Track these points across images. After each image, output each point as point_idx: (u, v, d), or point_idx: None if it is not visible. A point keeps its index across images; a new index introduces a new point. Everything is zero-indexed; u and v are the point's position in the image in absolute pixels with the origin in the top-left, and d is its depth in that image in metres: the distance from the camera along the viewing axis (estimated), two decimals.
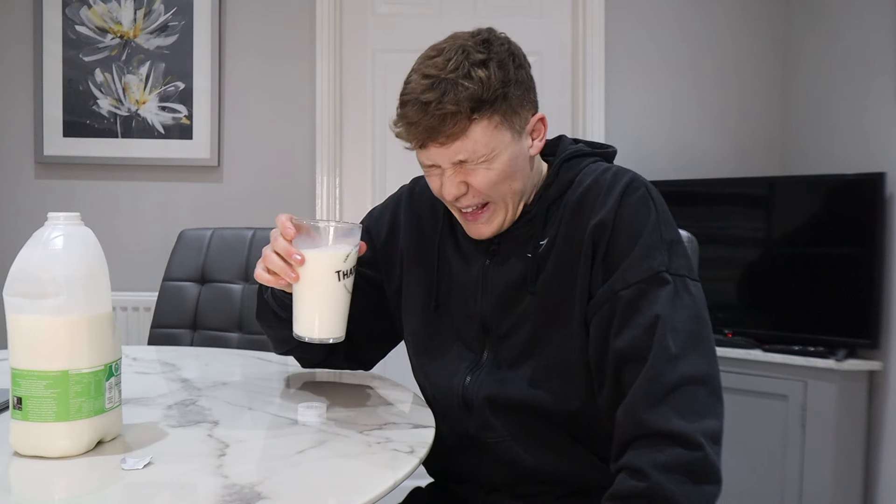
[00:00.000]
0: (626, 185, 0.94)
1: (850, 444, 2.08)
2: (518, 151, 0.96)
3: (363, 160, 2.65)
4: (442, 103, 0.88)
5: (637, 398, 0.85)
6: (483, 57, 0.91)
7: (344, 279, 0.89)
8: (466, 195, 0.96)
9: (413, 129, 0.91)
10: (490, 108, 0.90)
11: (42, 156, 2.53)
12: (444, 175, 0.96)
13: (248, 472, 0.79)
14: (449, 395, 1.04)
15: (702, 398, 0.85)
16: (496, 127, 0.92)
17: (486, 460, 1.03)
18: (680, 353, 0.85)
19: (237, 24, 2.58)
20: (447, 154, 0.93)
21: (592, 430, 0.98)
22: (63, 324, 0.79)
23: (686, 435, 0.82)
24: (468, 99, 0.89)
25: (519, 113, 0.95)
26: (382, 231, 1.15)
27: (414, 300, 1.10)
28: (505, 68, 0.92)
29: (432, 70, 0.90)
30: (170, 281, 2.04)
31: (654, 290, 0.88)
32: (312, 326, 0.89)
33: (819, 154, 2.43)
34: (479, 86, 0.89)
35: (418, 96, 0.90)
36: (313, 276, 0.89)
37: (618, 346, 0.89)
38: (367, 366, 1.23)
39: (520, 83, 0.95)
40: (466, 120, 0.90)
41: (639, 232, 0.91)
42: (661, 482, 0.80)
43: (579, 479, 1.00)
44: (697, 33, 2.65)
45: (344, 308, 0.91)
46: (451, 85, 0.89)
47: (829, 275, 2.14)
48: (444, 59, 0.91)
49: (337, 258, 0.88)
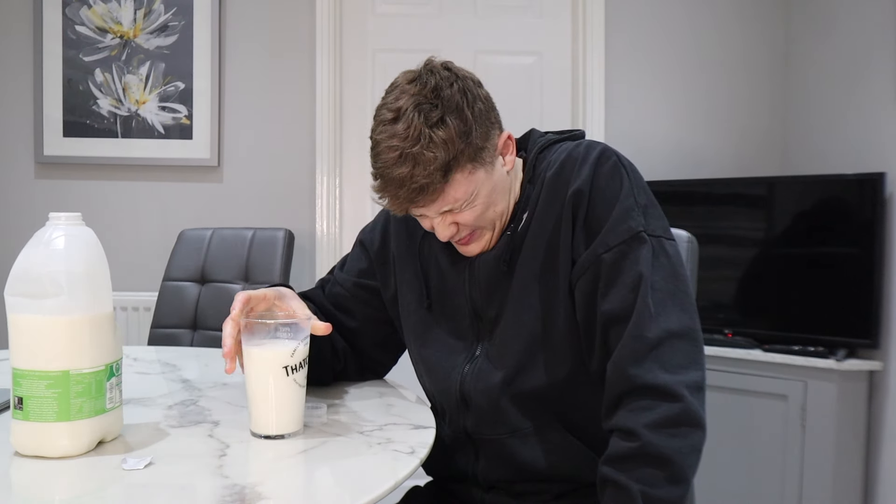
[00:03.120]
0: (599, 156, 0.98)
1: (850, 444, 2.08)
2: (496, 179, 0.99)
3: (363, 160, 2.65)
4: (414, 178, 0.92)
5: (623, 354, 0.90)
6: (438, 113, 0.93)
7: (293, 374, 0.88)
8: (458, 232, 1.01)
9: (395, 201, 0.95)
10: (459, 162, 0.94)
11: (42, 156, 2.53)
12: (434, 221, 1.00)
13: (249, 472, 0.80)
14: (448, 392, 1.05)
15: (684, 350, 0.90)
16: (470, 173, 0.95)
17: (483, 458, 1.04)
18: (660, 310, 0.90)
19: (237, 24, 2.58)
20: (433, 209, 0.97)
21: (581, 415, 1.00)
22: (64, 324, 0.79)
23: (670, 388, 0.87)
24: (437, 168, 0.92)
25: (486, 148, 0.97)
26: (376, 241, 1.17)
27: (408, 302, 1.11)
28: (462, 116, 0.94)
29: (395, 141, 0.92)
30: (170, 281, 2.04)
31: (635, 250, 0.92)
32: (268, 423, 0.89)
33: (819, 154, 2.44)
34: (444, 150, 0.92)
35: (390, 171, 0.93)
36: (261, 373, 0.88)
37: (605, 308, 0.93)
38: (379, 374, 1.23)
39: (479, 119, 0.96)
40: (441, 183, 0.93)
41: (614, 197, 0.95)
42: (651, 440, 0.85)
43: (575, 476, 1.01)
44: (697, 33, 2.65)
45: (297, 402, 0.90)
46: (418, 158, 0.91)
47: (829, 275, 2.14)
48: (403, 125, 0.92)
49: (284, 354, 0.88)
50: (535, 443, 1.00)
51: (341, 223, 2.63)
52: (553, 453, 1.00)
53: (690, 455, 0.87)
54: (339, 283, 1.18)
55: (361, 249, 1.19)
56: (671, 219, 1.04)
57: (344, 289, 1.17)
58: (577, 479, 1.01)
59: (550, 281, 0.98)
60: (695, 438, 0.87)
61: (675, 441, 0.85)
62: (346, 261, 1.21)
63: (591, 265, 0.94)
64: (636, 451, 0.85)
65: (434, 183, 0.93)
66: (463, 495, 1.09)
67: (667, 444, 0.85)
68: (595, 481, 0.98)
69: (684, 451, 0.86)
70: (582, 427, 1.00)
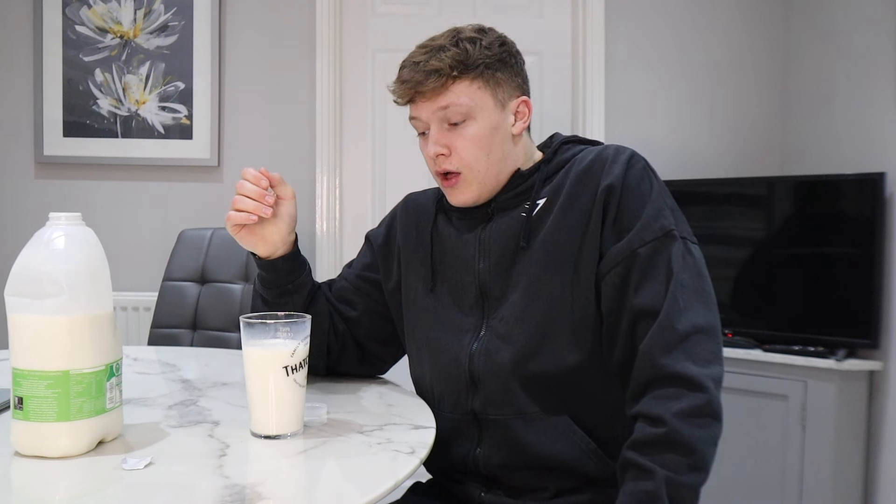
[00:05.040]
0: (629, 158, 1.02)
1: (850, 444, 2.08)
2: (499, 122, 1.05)
3: (363, 160, 2.65)
4: (428, 63, 1.02)
5: (653, 342, 0.92)
6: (474, 36, 1.05)
7: (293, 374, 0.89)
8: (447, 158, 1.05)
9: (403, 85, 1.04)
10: (472, 71, 1.02)
11: (42, 156, 2.53)
12: (430, 134, 1.06)
13: (249, 472, 0.80)
14: (457, 373, 1.05)
15: (709, 346, 0.93)
16: (478, 88, 1.03)
17: (486, 440, 1.04)
18: (688, 304, 0.93)
19: (237, 24, 2.58)
20: (430, 107, 1.04)
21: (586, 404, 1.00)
22: (64, 324, 0.79)
23: (698, 379, 0.89)
24: (451, 58, 1.01)
25: (502, 86, 1.05)
26: (381, 236, 1.21)
27: (413, 289, 1.13)
28: (492, 49, 1.04)
29: (427, 42, 1.06)
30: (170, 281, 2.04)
31: (667, 246, 0.96)
32: (268, 423, 0.89)
33: (819, 154, 2.44)
34: (464, 52, 1.02)
35: (412, 57, 1.04)
36: (262, 373, 0.89)
37: (637, 301, 0.95)
38: (378, 369, 1.24)
39: (506, 65, 1.05)
40: (447, 77, 1.02)
41: (646, 195, 0.99)
42: (677, 428, 0.87)
43: (576, 468, 1.00)
44: (697, 33, 2.65)
45: (297, 402, 0.90)
46: (440, 49, 1.03)
47: (829, 275, 2.14)
48: (440, 34, 1.07)
49: (284, 354, 0.88)
50: (540, 427, 1.00)
51: (341, 223, 2.63)
52: (557, 440, 1.00)
53: (711, 446, 0.89)
54: (345, 278, 1.22)
55: (367, 245, 1.24)
56: None
57: (348, 282, 1.21)
58: (578, 471, 1.00)
59: (568, 269, 1.00)
60: (715, 430, 0.90)
61: (699, 431, 0.88)
62: (354, 260, 1.25)
63: (624, 259, 0.96)
64: (662, 438, 0.87)
65: (443, 71, 1.01)
66: (461, 495, 1.09)
67: (692, 432, 0.87)
68: (595, 477, 1.00)
69: (706, 442, 0.88)
70: (588, 418, 1.01)
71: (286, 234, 1.07)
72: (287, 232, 1.07)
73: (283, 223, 1.06)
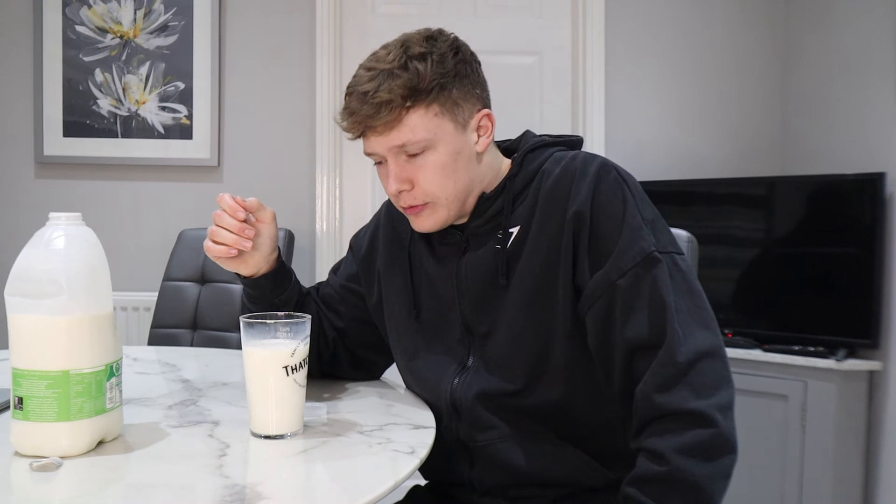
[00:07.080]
0: (597, 171, 0.94)
1: (850, 444, 2.08)
2: (461, 145, 0.97)
3: (363, 160, 2.64)
4: (377, 92, 0.92)
5: (652, 383, 0.87)
6: (423, 50, 0.94)
7: (293, 374, 0.89)
8: (410, 192, 0.98)
9: (352, 118, 0.95)
10: (426, 97, 0.93)
11: (42, 156, 2.53)
12: (389, 168, 0.97)
13: (249, 472, 0.80)
14: (438, 401, 1.04)
15: (714, 369, 0.87)
16: (435, 115, 0.94)
17: (478, 464, 1.02)
18: (686, 331, 0.87)
19: (237, 24, 2.58)
20: (384, 142, 0.95)
21: (576, 426, 0.98)
22: (64, 324, 0.79)
23: (701, 413, 0.84)
24: (401, 87, 0.92)
25: (461, 105, 0.96)
26: (363, 247, 1.17)
27: (395, 311, 1.10)
28: (444, 62, 0.94)
29: (373, 62, 0.95)
30: (170, 281, 2.04)
31: (650, 272, 0.89)
32: (268, 423, 0.89)
33: (819, 154, 2.44)
34: (415, 75, 0.92)
35: (358, 86, 0.94)
36: (262, 372, 0.88)
37: (626, 335, 0.89)
38: (373, 373, 1.23)
39: (462, 78, 0.96)
40: (400, 108, 0.92)
41: (619, 217, 0.91)
42: (680, 466, 0.83)
43: (571, 481, 0.99)
44: (697, 33, 2.65)
45: (297, 402, 0.90)
46: (388, 75, 0.92)
47: (829, 275, 2.14)
48: (385, 52, 0.96)
49: (284, 354, 0.88)
50: (529, 448, 0.99)
51: (341, 223, 2.63)
52: (549, 459, 0.99)
53: (721, 480, 0.85)
54: (330, 285, 1.19)
55: (350, 254, 1.20)
56: (671, 219, 1.03)
57: (333, 290, 1.18)
58: (573, 483, 0.99)
59: (547, 304, 0.95)
60: (725, 463, 0.86)
61: (705, 467, 0.84)
62: (340, 264, 1.22)
63: (604, 292, 0.90)
64: (664, 476, 0.83)
65: (394, 102, 0.91)
66: (460, 499, 1.08)
67: (697, 470, 0.83)
68: (592, 486, 0.98)
69: (714, 478, 0.84)
70: (580, 435, 0.99)
71: (268, 254, 1.05)
72: (269, 252, 1.05)
73: (265, 246, 1.04)
